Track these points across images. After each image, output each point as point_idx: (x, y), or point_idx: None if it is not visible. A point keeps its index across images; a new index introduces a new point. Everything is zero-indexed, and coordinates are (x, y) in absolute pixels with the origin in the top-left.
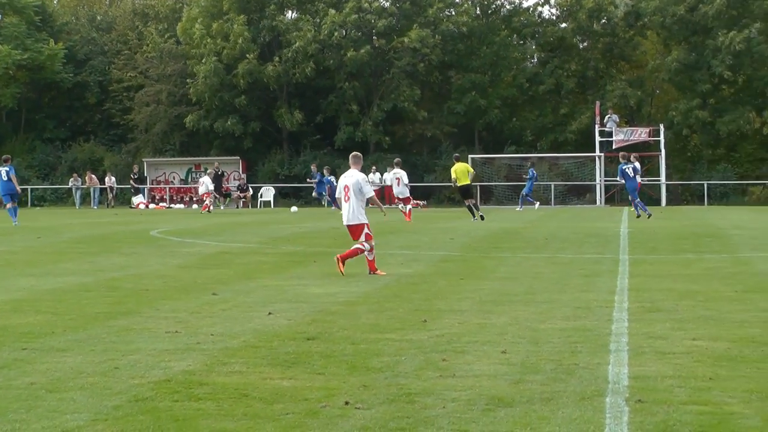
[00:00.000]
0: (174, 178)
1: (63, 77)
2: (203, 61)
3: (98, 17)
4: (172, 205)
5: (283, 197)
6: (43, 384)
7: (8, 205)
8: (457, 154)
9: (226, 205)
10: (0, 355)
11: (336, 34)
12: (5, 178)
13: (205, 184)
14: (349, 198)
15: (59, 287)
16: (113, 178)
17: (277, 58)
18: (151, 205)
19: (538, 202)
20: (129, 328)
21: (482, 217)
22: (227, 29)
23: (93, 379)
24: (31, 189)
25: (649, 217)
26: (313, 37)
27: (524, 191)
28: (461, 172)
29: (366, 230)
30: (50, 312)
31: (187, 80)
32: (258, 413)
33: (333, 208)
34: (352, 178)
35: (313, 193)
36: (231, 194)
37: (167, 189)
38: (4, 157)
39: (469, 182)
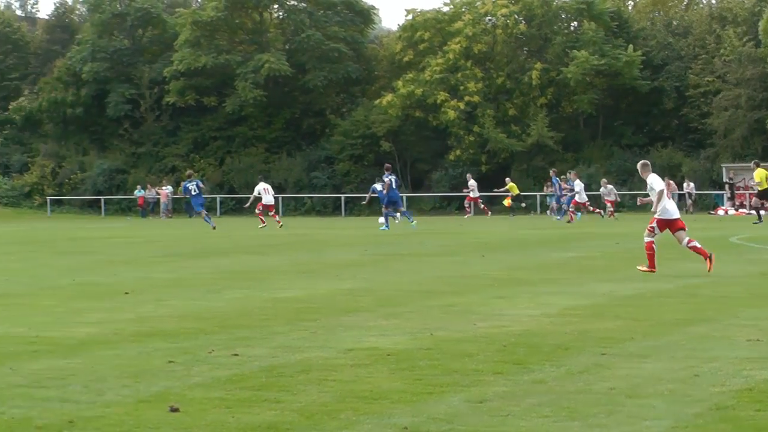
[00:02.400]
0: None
1: (640, 83)
2: None
3: (674, 22)
4: (751, 212)
5: None
6: (622, 389)
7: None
8: (756, 161)
9: None
10: (580, 359)
11: None
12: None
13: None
14: (670, 195)
15: (638, 293)
16: (692, 184)
17: None
18: (731, 211)
19: None
20: (708, 336)
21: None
22: None
23: (672, 386)
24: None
25: None
26: None
27: None
28: (762, 176)
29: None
30: (629, 318)
31: None
32: None
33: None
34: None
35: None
36: None
37: (746, 195)
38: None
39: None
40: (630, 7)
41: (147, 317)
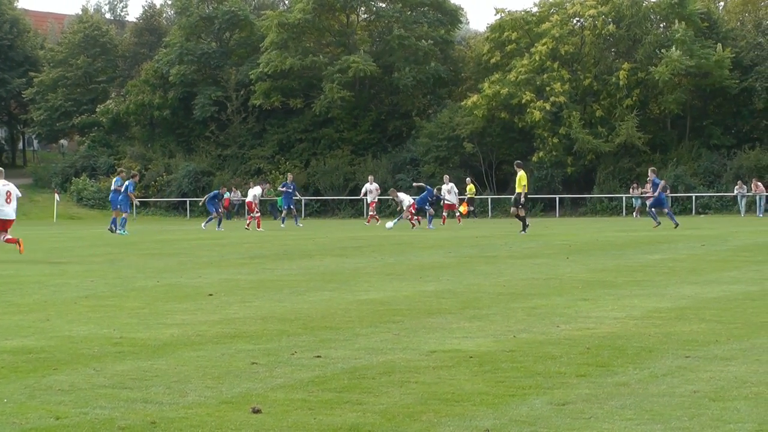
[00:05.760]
0: None
1: (729, 84)
2: None
3: (764, 22)
4: None
5: None
6: (706, 392)
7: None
8: (519, 161)
9: None
10: (663, 362)
11: None
12: None
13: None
14: (11, 200)
15: (724, 295)
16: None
17: None
18: None
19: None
20: None
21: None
22: None
23: (756, 389)
24: (696, 196)
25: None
26: None
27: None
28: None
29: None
30: (714, 320)
31: None
32: None
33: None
34: (9, 185)
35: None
36: None
37: None
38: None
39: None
40: (720, 8)
41: (231, 319)
